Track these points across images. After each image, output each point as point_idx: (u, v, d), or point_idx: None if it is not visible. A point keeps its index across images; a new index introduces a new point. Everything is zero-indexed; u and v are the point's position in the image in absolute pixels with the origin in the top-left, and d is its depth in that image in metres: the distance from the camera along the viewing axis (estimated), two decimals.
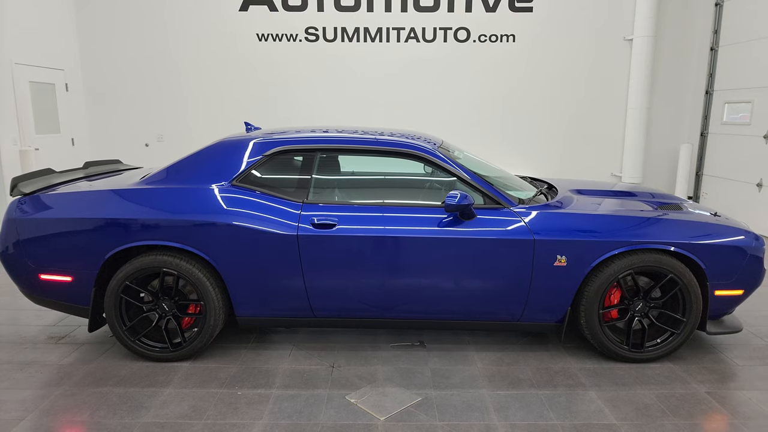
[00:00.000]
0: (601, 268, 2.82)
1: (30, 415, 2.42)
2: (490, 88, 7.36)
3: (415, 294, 2.89)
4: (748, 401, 2.57)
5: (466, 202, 2.71)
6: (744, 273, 2.89)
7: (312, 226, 2.82)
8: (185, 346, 2.91)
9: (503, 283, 2.84)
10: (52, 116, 6.78)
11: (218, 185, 2.92)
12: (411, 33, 7.23)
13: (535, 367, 2.91)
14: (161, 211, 2.83)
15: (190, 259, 2.85)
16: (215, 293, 2.87)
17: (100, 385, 2.69)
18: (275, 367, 2.90)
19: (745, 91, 6.38)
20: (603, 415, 2.44)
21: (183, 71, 7.33)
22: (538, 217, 2.86)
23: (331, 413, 2.45)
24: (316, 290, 2.88)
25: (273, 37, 7.24)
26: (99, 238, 2.83)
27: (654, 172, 7.56)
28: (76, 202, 2.92)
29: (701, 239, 2.84)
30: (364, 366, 2.91)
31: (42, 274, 2.92)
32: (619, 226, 2.84)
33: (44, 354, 3.04)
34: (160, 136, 7.52)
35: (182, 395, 2.59)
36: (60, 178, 3.28)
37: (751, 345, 3.21)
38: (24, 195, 2.96)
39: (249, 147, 3.04)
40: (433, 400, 2.57)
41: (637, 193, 3.61)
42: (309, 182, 2.98)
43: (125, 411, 2.45)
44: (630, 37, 7.11)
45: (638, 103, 7.11)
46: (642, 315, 2.91)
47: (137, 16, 7.19)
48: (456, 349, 3.12)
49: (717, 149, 6.97)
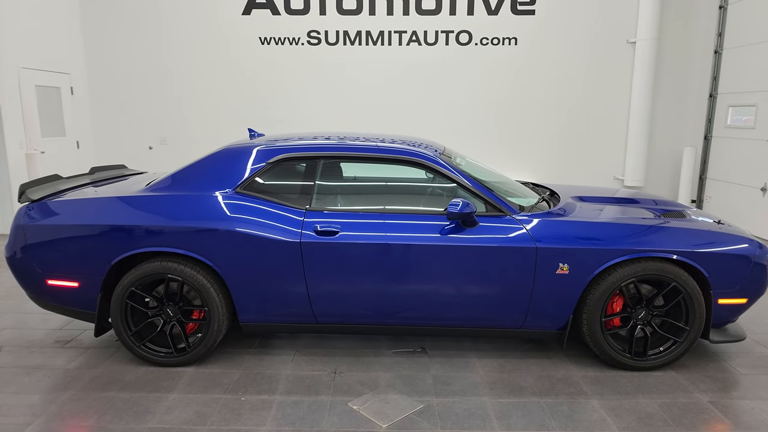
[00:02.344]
0: (603, 276, 2.82)
1: (38, 419, 2.45)
2: (492, 91, 7.36)
3: (417, 300, 2.90)
4: (751, 411, 2.57)
5: (468, 210, 2.72)
6: (748, 281, 2.88)
7: (315, 233, 2.84)
8: (189, 351, 2.94)
9: (505, 290, 2.85)
10: (58, 120, 6.84)
11: (222, 192, 2.95)
12: (413, 36, 7.24)
13: (537, 374, 2.92)
14: (166, 218, 2.86)
15: (194, 265, 2.88)
16: (219, 299, 2.89)
17: (106, 389, 2.72)
18: (278, 372, 2.92)
19: (750, 94, 6.36)
20: (605, 425, 2.45)
21: (186, 75, 7.38)
22: (540, 224, 2.87)
23: (334, 420, 2.47)
24: (318, 296, 2.90)
25: (275, 41, 7.27)
26: (105, 245, 2.86)
27: (657, 175, 7.54)
28: (83, 208, 2.95)
29: (704, 247, 2.84)
30: (366, 372, 2.92)
31: (49, 280, 2.96)
32: (622, 234, 2.85)
33: (51, 358, 3.07)
34: (164, 138, 7.57)
35: (187, 400, 2.62)
36: (67, 184, 3.32)
37: (754, 353, 3.20)
38: (32, 201, 3.00)
39: (252, 154, 3.06)
40: (435, 407, 2.58)
41: (640, 200, 3.61)
42: (312, 189, 3.00)
43: (131, 416, 2.48)
44: (633, 40, 7.10)
45: (641, 107, 7.09)
46: (644, 323, 2.91)
47: (142, 21, 7.24)
48: (457, 356, 3.13)
49: (721, 153, 6.95)
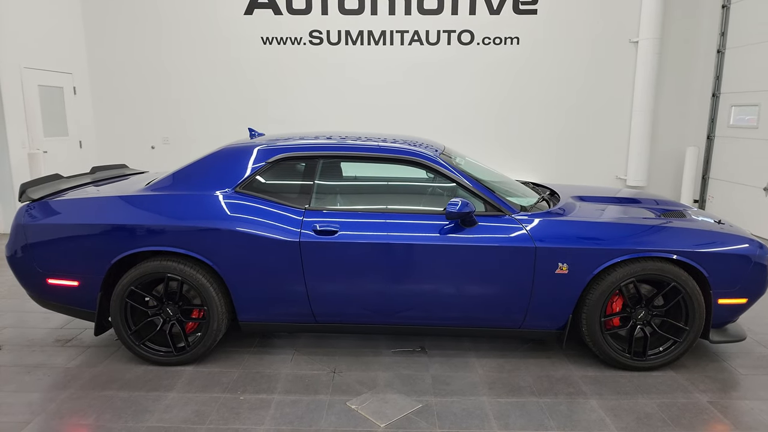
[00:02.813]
0: (603, 276, 2.82)
1: (37, 417, 2.46)
2: (494, 91, 7.35)
3: (417, 300, 2.90)
4: (751, 411, 2.56)
5: (467, 209, 2.72)
6: (748, 281, 2.87)
7: (314, 232, 2.84)
8: (189, 350, 2.95)
9: (504, 289, 2.85)
10: (60, 119, 6.86)
11: (222, 192, 2.95)
12: (415, 36, 7.23)
13: (536, 374, 2.91)
14: (166, 218, 2.87)
15: (194, 264, 2.89)
16: (218, 298, 2.90)
17: (105, 388, 2.73)
18: (277, 371, 2.92)
19: (753, 94, 6.32)
20: (604, 425, 2.44)
21: (188, 74, 7.40)
22: (539, 224, 2.87)
23: (332, 419, 2.47)
24: (317, 296, 2.90)
25: (277, 41, 7.28)
26: (105, 244, 2.87)
27: (660, 175, 7.51)
28: (84, 207, 2.96)
29: (704, 247, 2.83)
30: (365, 371, 2.92)
31: (49, 279, 2.97)
32: (622, 233, 2.84)
33: (51, 357, 3.09)
34: (166, 138, 7.59)
35: (186, 399, 2.63)
36: (67, 183, 3.33)
37: (754, 354, 3.19)
38: (32, 201, 3.01)
39: (253, 154, 3.07)
40: (434, 407, 2.58)
41: (641, 200, 3.60)
42: (311, 189, 3.00)
43: (130, 415, 2.49)
44: (635, 40, 7.07)
45: (644, 106, 7.06)
46: (644, 323, 2.90)
47: (144, 21, 7.26)
48: (457, 356, 3.13)
49: (724, 152, 6.92)
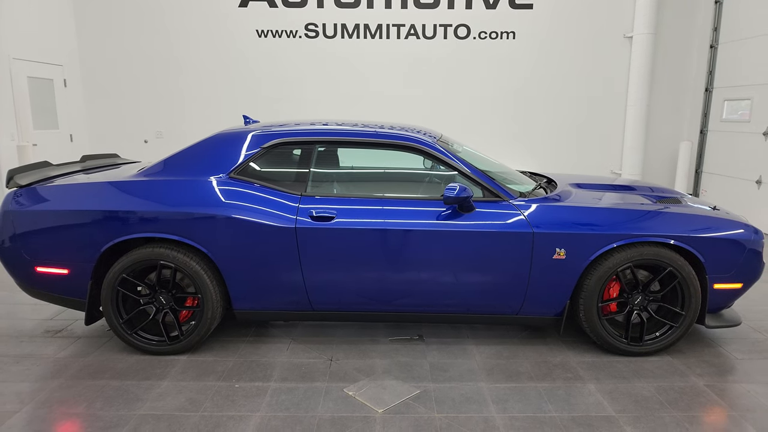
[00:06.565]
0: (600, 262, 2.81)
1: (26, 407, 2.41)
2: (490, 85, 7.35)
3: (414, 287, 2.88)
4: (747, 394, 2.57)
5: (465, 194, 2.70)
6: (743, 266, 2.88)
7: (310, 218, 2.80)
8: (182, 339, 2.90)
9: (502, 276, 2.83)
10: (51, 112, 6.76)
11: (216, 177, 2.91)
12: (411, 30, 7.21)
13: (534, 360, 2.90)
14: (158, 204, 2.82)
15: (187, 251, 2.84)
16: (213, 286, 2.86)
17: (96, 377, 2.67)
18: (273, 360, 2.88)
19: (745, 88, 6.37)
20: (601, 408, 2.43)
21: (182, 67, 7.32)
22: (537, 210, 2.85)
23: (329, 405, 2.44)
24: (314, 283, 2.87)
25: (273, 34, 7.23)
26: (95, 231, 2.82)
27: (654, 169, 7.56)
28: (73, 194, 2.91)
29: (700, 232, 2.83)
30: (362, 359, 2.89)
31: (38, 267, 2.91)
32: (618, 219, 2.83)
33: (41, 347, 3.02)
34: (159, 132, 7.51)
35: (179, 388, 2.58)
36: (57, 170, 3.26)
37: (750, 339, 3.20)
38: (20, 187, 2.94)
39: (247, 139, 3.02)
40: (432, 392, 2.56)
41: (637, 187, 3.60)
42: (307, 175, 2.97)
43: (121, 403, 2.44)
44: (630, 35, 7.10)
45: (638, 101, 7.10)
46: (641, 308, 2.90)
47: (136, 12, 7.17)
48: (455, 343, 3.11)
49: (716, 147, 6.97)
